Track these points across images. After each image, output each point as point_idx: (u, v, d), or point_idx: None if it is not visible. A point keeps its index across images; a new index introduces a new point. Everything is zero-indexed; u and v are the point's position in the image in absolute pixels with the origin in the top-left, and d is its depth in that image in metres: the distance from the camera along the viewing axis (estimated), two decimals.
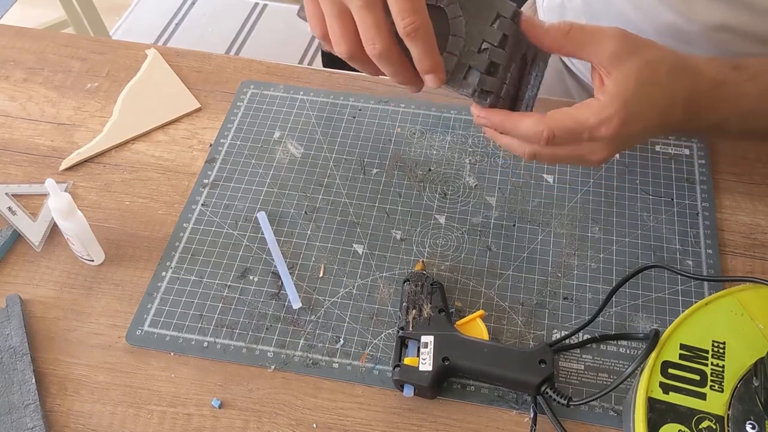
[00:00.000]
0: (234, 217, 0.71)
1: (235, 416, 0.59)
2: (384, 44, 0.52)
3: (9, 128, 0.79)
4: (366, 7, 0.51)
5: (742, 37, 0.69)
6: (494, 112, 0.57)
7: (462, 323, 0.61)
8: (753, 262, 0.66)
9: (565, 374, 0.60)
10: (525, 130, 0.55)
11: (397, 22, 0.51)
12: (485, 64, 0.54)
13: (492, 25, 0.54)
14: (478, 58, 0.54)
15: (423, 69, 0.53)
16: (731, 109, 0.59)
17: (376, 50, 0.52)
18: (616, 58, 0.54)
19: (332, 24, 0.53)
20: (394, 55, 0.53)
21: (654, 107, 0.55)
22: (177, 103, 0.81)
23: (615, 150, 0.57)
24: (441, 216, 0.70)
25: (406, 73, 0.54)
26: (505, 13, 0.54)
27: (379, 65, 0.54)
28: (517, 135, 0.57)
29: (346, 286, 0.66)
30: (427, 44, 0.52)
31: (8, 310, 0.64)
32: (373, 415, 0.59)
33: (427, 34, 0.52)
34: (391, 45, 0.52)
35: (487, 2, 0.54)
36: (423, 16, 0.51)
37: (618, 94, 0.53)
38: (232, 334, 0.63)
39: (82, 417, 0.59)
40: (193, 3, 1.96)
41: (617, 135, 0.54)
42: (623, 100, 0.53)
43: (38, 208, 0.72)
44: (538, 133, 0.55)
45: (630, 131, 0.55)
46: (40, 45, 0.87)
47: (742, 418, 0.50)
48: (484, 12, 0.54)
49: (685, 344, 0.54)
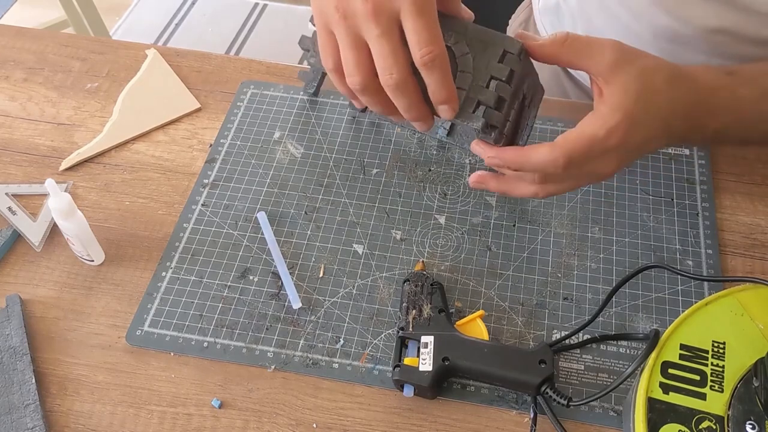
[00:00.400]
0: (234, 217, 0.71)
1: (235, 416, 0.59)
2: (401, 74, 0.51)
3: (9, 128, 0.79)
4: (384, 36, 0.50)
5: (738, 39, 0.69)
6: (505, 149, 0.56)
7: (462, 323, 0.61)
8: (753, 262, 0.66)
9: (565, 374, 0.60)
10: (538, 161, 0.54)
11: (414, 51, 0.51)
12: (493, 98, 0.54)
13: (500, 62, 0.54)
14: (486, 92, 0.54)
15: (438, 99, 0.53)
16: (730, 115, 0.59)
17: (393, 80, 0.51)
18: (614, 68, 0.54)
19: (347, 54, 0.53)
20: (410, 87, 0.52)
21: (656, 115, 0.55)
22: (177, 103, 0.81)
23: (623, 161, 0.57)
24: (441, 216, 0.70)
25: (420, 106, 0.54)
26: (512, 49, 0.55)
27: (393, 97, 0.53)
28: (531, 167, 0.55)
29: (346, 286, 0.66)
30: (444, 73, 0.52)
31: (8, 310, 0.64)
32: (373, 415, 0.59)
33: (444, 64, 0.51)
34: (407, 75, 0.52)
35: (492, 39, 0.55)
36: (440, 46, 0.51)
37: (620, 103, 0.53)
38: (232, 334, 0.63)
39: (82, 417, 0.59)
40: (193, 3, 1.96)
41: (623, 143, 0.54)
42: (625, 108, 0.53)
43: (38, 208, 0.72)
44: (554, 160, 0.53)
45: (635, 140, 0.54)
46: (40, 45, 0.87)
47: (742, 419, 0.50)
48: (490, 48, 0.54)
49: (685, 344, 0.54)
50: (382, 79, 0.52)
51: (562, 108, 0.78)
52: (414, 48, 0.51)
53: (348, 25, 0.52)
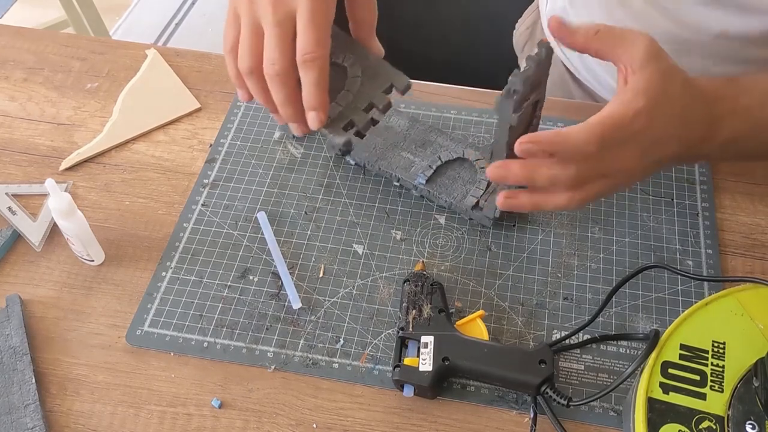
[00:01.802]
0: (234, 217, 0.71)
1: (235, 416, 0.59)
2: (282, 66, 0.54)
3: (9, 128, 0.79)
4: (277, 27, 0.53)
5: (742, 42, 0.69)
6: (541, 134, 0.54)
7: (462, 323, 0.61)
8: (753, 262, 0.66)
9: (565, 374, 0.60)
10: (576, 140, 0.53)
11: (299, 48, 0.53)
12: (365, 121, 0.57)
13: (384, 92, 0.58)
14: (361, 115, 0.57)
15: (308, 104, 0.55)
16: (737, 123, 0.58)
17: (274, 70, 0.54)
18: (644, 60, 0.54)
19: (244, 37, 0.56)
20: (288, 82, 0.54)
21: (672, 114, 0.55)
22: (177, 103, 0.81)
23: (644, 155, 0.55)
24: (441, 216, 0.70)
25: (295, 104, 0.56)
26: (399, 86, 0.58)
27: (271, 87, 0.55)
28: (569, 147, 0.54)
29: (346, 286, 0.66)
30: (318, 79, 0.54)
31: (8, 310, 0.64)
32: (373, 415, 0.59)
33: (322, 69, 0.54)
34: (288, 70, 0.54)
35: (385, 72, 0.58)
36: (323, 51, 0.53)
37: (645, 90, 0.53)
38: (232, 334, 0.63)
39: (82, 417, 0.59)
40: (193, 3, 1.96)
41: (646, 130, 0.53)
42: (649, 95, 0.53)
43: (38, 208, 0.72)
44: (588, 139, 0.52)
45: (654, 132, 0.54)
46: (40, 45, 0.87)
47: (742, 419, 0.50)
48: (380, 79, 0.58)
49: (685, 344, 0.54)
50: (265, 67, 0.54)
51: (568, 108, 0.78)
52: (299, 45, 0.53)
53: (252, 10, 0.54)
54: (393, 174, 0.70)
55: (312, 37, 0.53)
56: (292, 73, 0.54)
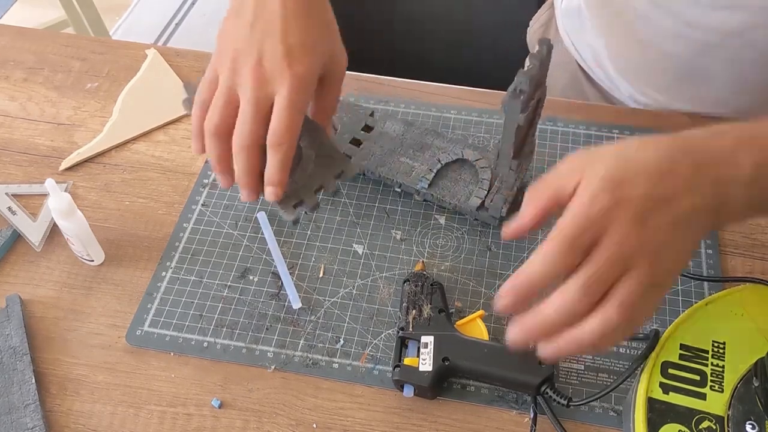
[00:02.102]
0: (234, 217, 0.71)
1: (235, 416, 0.59)
2: (252, 141, 0.55)
3: (9, 128, 0.79)
4: (255, 104, 0.55)
5: (754, 40, 0.69)
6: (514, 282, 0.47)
7: (462, 323, 0.61)
8: (753, 262, 0.66)
9: (565, 374, 0.60)
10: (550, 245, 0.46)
11: (272, 131, 0.55)
12: (313, 203, 0.60)
13: (335, 178, 0.61)
14: (311, 196, 0.60)
15: (269, 179, 0.57)
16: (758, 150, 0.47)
17: (243, 142, 0.55)
18: (586, 163, 0.47)
19: (218, 99, 0.57)
20: (252, 156, 0.56)
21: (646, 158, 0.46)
22: (177, 103, 0.80)
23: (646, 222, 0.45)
24: (441, 216, 0.70)
25: (253, 177, 0.57)
26: (348, 172, 0.61)
27: (236, 156, 0.56)
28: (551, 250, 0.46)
29: (346, 286, 0.66)
30: (284, 161, 0.56)
31: (8, 310, 0.64)
32: (373, 415, 0.59)
33: (288, 153, 0.56)
34: (255, 146, 0.56)
35: (338, 158, 0.61)
36: (293, 137, 0.56)
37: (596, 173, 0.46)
38: (232, 334, 0.63)
39: (82, 417, 0.59)
40: (193, 3, 1.96)
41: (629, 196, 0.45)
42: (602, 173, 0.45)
43: (38, 208, 0.72)
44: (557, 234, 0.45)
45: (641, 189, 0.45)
46: (40, 45, 0.87)
47: (742, 418, 0.50)
48: (334, 165, 0.61)
49: (685, 344, 0.54)
50: (235, 136, 0.56)
51: (581, 109, 0.78)
52: (272, 129, 0.55)
53: (232, 79, 0.56)
54: (394, 180, 0.70)
55: (285, 124, 0.55)
56: (257, 150, 0.56)
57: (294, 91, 0.55)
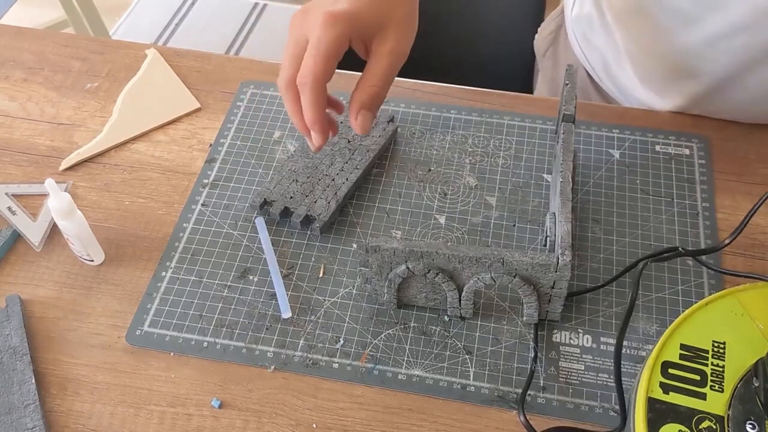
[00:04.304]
0: (234, 217, 0.71)
1: (235, 416, 0.59)
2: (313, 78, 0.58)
3: (9, 128, 0.79)
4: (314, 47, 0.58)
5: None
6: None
7: None
8: (753, 262, 0.66)
9: (566, 374, 0.60)
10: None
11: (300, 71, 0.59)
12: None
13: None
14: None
15: (308, 119, 0.60)
16: None
17: (306, 79, 0.59)
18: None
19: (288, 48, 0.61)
20: (315, 92, 0.59)
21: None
22: (177, 103, 0.81)
23: None
24: (441, 216, 0.70)
25: (319, 111, 0.60)
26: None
27: (301, 91, 0.60)
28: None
29: (346, 286, 0.66)
30: (311, 98, 0.59)
31: (8, 310, 0.64)
32: (373, 415, 0.59)
33: (314, 92, 0.59)
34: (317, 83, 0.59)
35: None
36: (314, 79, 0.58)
37: None
38: (232, 334, 0.63)
39: (82, 417, 0.59)
40: (193, 3, 1.96)
41: None
42: None
43: (38, 208, 0.72)
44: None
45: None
46: (40, 45, 0.88)
47: (742, 418, 0.50)
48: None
49: (685, 344, 0.54)
50: (300, 74, 0.59)
51: (582, 109, 0.78)
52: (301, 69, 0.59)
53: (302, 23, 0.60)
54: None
55: (308, 64, 0.58)
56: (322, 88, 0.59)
57: (320, 31, 0.57)
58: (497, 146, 0.75)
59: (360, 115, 0.61)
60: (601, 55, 0.83)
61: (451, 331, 0.63)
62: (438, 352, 0.62)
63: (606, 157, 0.74)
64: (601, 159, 0.74)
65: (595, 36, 0.83)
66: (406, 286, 0.62)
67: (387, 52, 0.60)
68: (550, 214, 0.64)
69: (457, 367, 0.61)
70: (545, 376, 0.60)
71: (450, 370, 0.60)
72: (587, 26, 0.84)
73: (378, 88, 0.61)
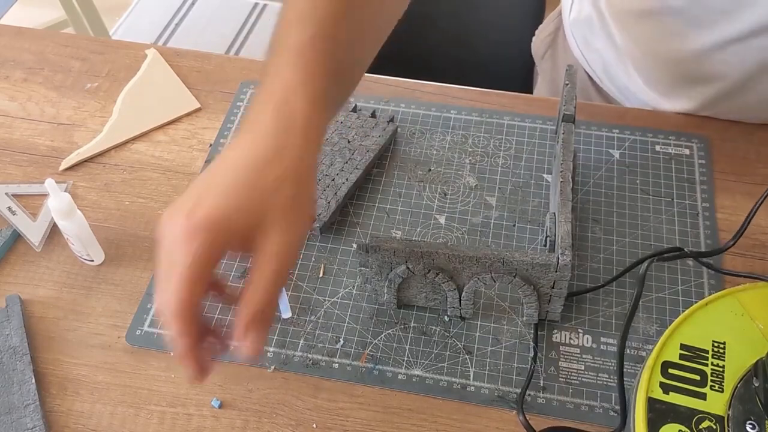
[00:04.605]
0: None
1: (235, 416, 0.59)
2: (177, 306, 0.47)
3: (9, 128, 0.79)
4: (174, 269, 0.47)
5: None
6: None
7: None
8: (753, 262, 0.66)
9: (566, 374, 0.60)
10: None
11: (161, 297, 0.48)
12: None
13: None
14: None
15: (174, 352, 0.49)
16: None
17: (168, 307, 0.47)
18: None
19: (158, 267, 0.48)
20: (181, 321, 0.47)
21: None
22: (177, 103, 0.81)
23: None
24: (441, 216, 0.70)
25: (186, 348, 0.48)
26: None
27: (163, 321, 0.48)
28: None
29: (346, 286, 0.66)
30: (179, 327, 0.47)
31: (8, 310, 0.64)
32: (373, 415, 0.59)
33: (181, 321, 0.47)
34: (184, 311, 0.47)
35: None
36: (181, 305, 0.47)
37: None
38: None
39: (82, 417, 0.59)
40: (193, 3, 1.96)
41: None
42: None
43: (38, 208, 0.72)
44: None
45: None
46: (40, 45, 0.87)
47: (742, 418, 0.50)
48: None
49: (685, 344, 0.54)
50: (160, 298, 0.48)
51: (582, 109, 0.78)
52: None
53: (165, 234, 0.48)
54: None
55: (169, 289, 0.47)
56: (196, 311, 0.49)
57: (179, 249, 0.46)
58: (497, 146, 0.75)
59: (248, 339, 0.48)
60: (600, 57, 0.83)
61: (451, 331, 0.63)
62: (438, 352, 0.62)
63: (606, 157, 0.74)
64: (601, 159, 0.74)
65: (594, 38, 0.83)
66: (406, 286, 0.62)
67: (273, 253, 0.47)
68: (550, 214, 0.64)
69: (457, 367, 0.61)
70: (545, 376, 0.60)
71: (450, 370, 0.60)
72: (587, 29, 0.84)
73: (265, 303, 0.48)
